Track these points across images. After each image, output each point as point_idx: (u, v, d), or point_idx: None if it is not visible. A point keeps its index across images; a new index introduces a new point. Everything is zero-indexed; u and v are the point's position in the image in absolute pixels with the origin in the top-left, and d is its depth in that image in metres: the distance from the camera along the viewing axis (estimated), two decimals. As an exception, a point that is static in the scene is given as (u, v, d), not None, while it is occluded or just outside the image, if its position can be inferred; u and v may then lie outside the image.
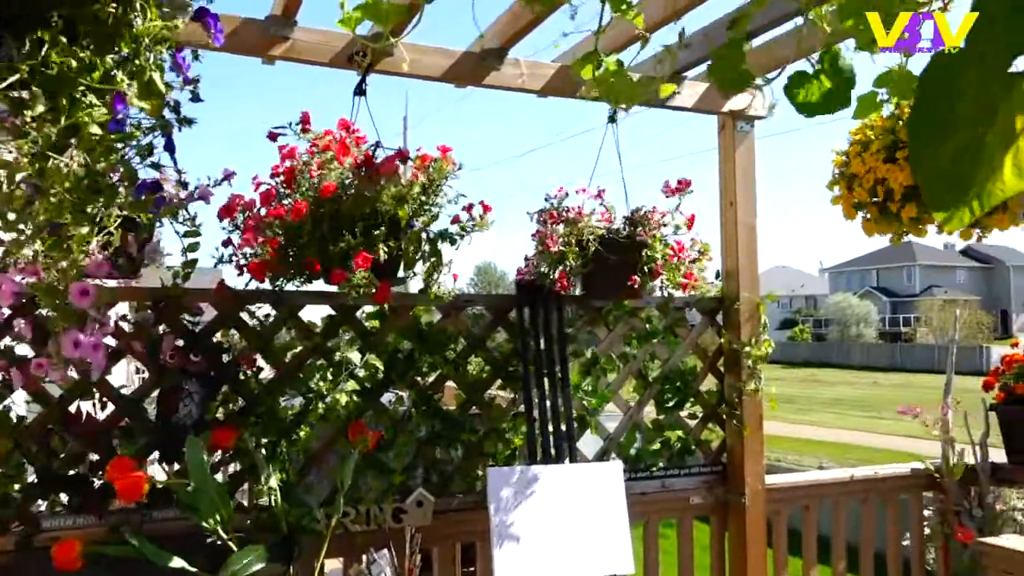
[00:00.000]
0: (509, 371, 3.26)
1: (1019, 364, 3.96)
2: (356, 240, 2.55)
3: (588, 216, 3.13)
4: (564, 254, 3.05)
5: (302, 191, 2.62)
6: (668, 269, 3.13)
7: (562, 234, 3.04)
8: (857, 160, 2.76)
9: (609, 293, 3.31)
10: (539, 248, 3.14)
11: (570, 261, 3.04)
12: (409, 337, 3.10)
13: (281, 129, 2.76)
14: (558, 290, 3.20)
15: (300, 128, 2.75)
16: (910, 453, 18.49)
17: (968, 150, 0.96)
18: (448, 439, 3.11)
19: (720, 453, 3.63)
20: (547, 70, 3.18)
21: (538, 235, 3.15)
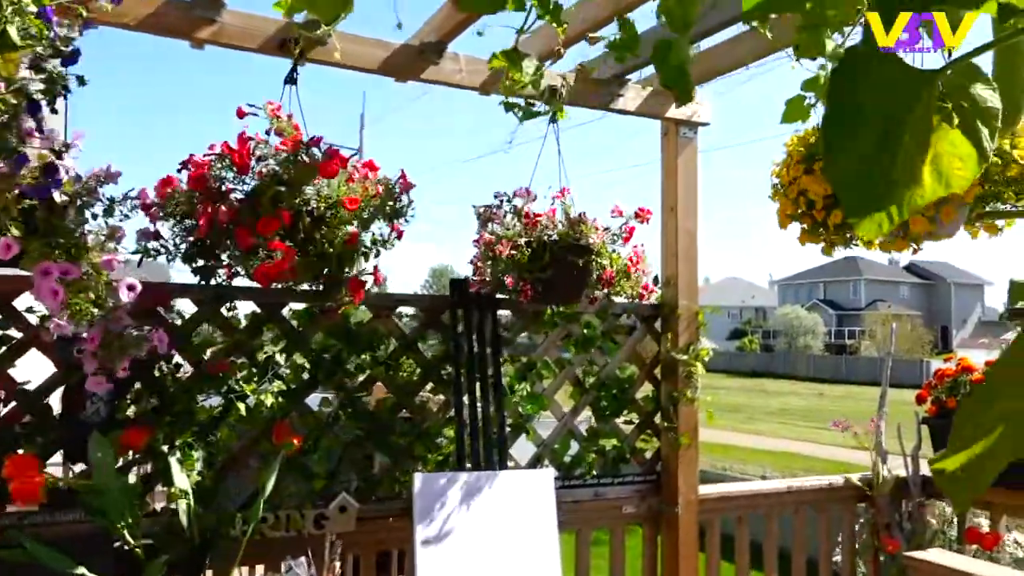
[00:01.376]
0: (441, 374, 3.18)
1: (951, 378, 4.00)
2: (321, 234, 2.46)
3: (539, 220, 3.05)
4: (516, 259, 2.95)
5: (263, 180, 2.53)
6: (621, 277, 3.07)
7: (513, 235, 2.94)
8: (784, 171, 2.75)
9: (568, 299, 3.23)
10: (488, 253, 3.01)
11: (524, 263, 2.94)
12: (337, 336, 3.00)
13: (254, 109, 2.65)
14: (490, 293, 3.12)
15: (270, 112, 2.64)
16: (852, 464, 18.84)
17: (881, 151, 0.91)
18: (376, 442, 3.01)
19: (655, 462, 3.59)
20: (486, 66, 3.10)
21: (482, 240, 3.04)
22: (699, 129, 3.58)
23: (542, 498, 2.97)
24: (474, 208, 3.12)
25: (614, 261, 3.18)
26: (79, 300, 1.98)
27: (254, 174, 2.59)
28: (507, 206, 3.09)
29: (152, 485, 2.72)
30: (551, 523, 2.94)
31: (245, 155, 2.60)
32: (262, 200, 2.55)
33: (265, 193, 2.55)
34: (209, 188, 2.57)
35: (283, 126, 2.63)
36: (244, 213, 2.55)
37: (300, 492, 2.84)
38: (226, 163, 2.61)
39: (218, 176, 2.59)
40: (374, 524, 2.96)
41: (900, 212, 0.93)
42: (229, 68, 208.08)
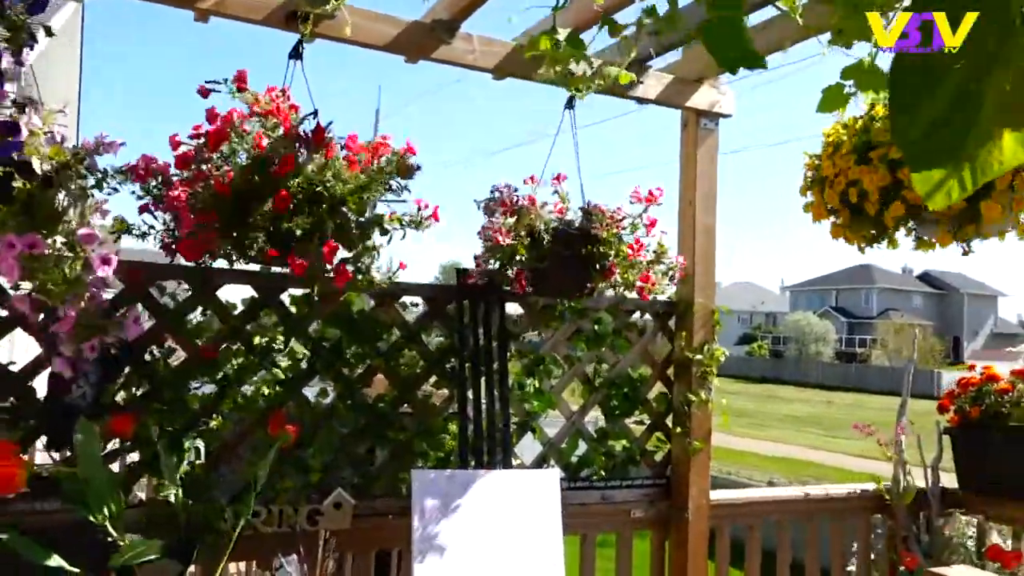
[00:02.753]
0: (445, 367, 3.05)
1: (975, 387, 3.85)
2: (303, 220, 2.31)
3: (541, 207, 2.91)
4: (514, 248, 2.82)
5: (235, 160, 2.38)
6: (622, 267, 2.91)
7: (512, 226, 2.81)
8: (828, 162, 2.59)
9: (562, 290, 3.08)
10: (487, 243, 2.89)
11: (521, 255, 2.80)
12: (338, 325, 2.88)
13: (214, 85, 2.51)
14: (487, 283, 2.98)
15: (235, 86, 2.50)
16: (861, 472, 18.63)
17: (958, 106, 0.77)
18: (375, 437, 2.89)
19: (665, 465, 3.45)
20: (502, 48, 2.98)
21: (484, 230, 2.91)
22: (720, 121, 3.44)
23: (547, 499, 2.84)
24: (476, 201, 3.00)
25: (621, 252, 3.00)
26: (50, 275, 1.85)
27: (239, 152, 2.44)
28: (507, 195, 2.96)
29: (139, 475, 2.60)
30: (556, 525, 2.81)
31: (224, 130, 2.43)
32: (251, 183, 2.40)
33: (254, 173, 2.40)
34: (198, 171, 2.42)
35: (248, 98, 2.46)
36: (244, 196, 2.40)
37: (294, 486, 2.72)
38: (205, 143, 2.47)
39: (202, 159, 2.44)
40: (371, 522, 2.83)
41: (974, 177, 0.79)
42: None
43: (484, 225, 2.87)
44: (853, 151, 2.54)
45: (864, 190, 2.47)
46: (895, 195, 2.42)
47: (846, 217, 2.58)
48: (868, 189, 2.46)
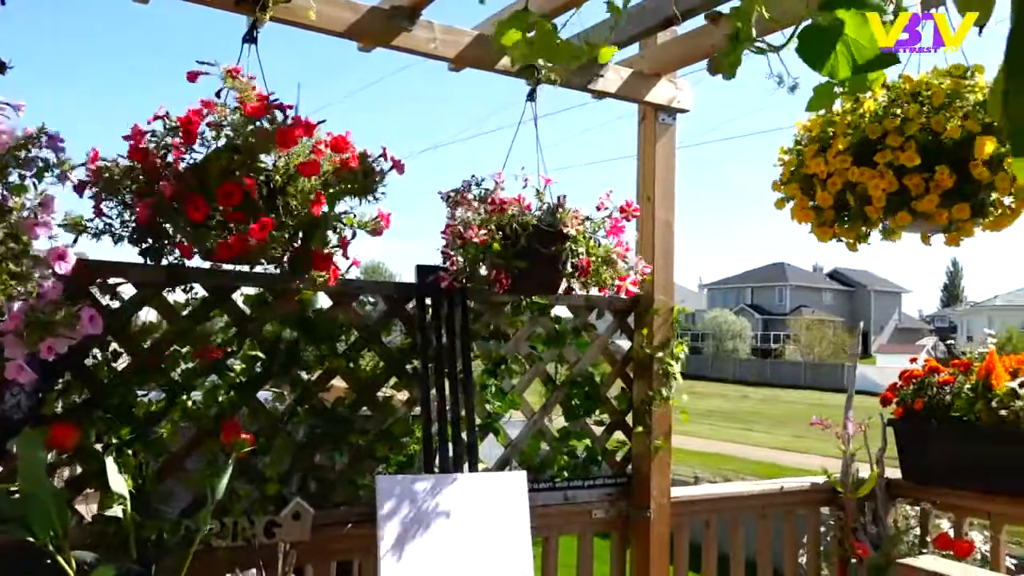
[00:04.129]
0: (406, 368, 2.93)
1: (918, 380, 3.94)
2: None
3: (511, 204, 2.81)
4: (488, 246, 2.70)
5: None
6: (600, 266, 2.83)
7: (485, 221, 2.70)
8: (816, 160, 2.53)
9: (540, 289, 2.99)
10: (457, 241, 2.75)
11: (494, 251, 2.69)
12: (293, 325, 2.73)
13: (205, 67, 2.33)
14: (462, 283, 2.87)
15: (228, 73, 2.33)
16: (784, 466, 19.21)
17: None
18: (334, 442, 2.75)
19: (625, 464, 3.41)
20: (463, 37, 2.88)
21: (450, 228, 2.79)
22: (678, 116, 3.42)
23: (515, 502, 2.76)
24: (440, 193, 2.89)
25: (592, 250, 2.94)
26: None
27: (205, 143, 2.30)
28: (476, 190, 2.86)
29: (80, 490, 2.40)
30: (524, 529, 2.73)
31: (195, 121, 2.30)
32: (211, 170, 2.26)
33: (216, 162, 2.27)
34: (151, 161, 2.27)
35: (241, 86, 2.34)
36: (191, 185, 2.25)
37: (249, 497, 2.56)
38: (171, 130, 2.32)
39: (162, 145, 2.29)
40: (332, 531, 2.69)
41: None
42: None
43: (450, 221, 2.76)
44: (848, 151, 2.48)
45: (867, 195, 2.41)
46: (901, 203, 2.38)
47: (830, 217, 2.56)
48: (873, 195, 2.40)
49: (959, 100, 2.32)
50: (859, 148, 2.44)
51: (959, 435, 3.68)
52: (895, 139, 2.34)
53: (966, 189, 2.31)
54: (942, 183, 2.28)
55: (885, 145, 2.37)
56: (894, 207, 2.39)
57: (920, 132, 2.33)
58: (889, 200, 2.37)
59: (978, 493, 3.63)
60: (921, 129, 2.33)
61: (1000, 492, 3.54)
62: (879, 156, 2.37)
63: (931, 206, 2.31)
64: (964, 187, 2.30)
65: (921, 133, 2.33)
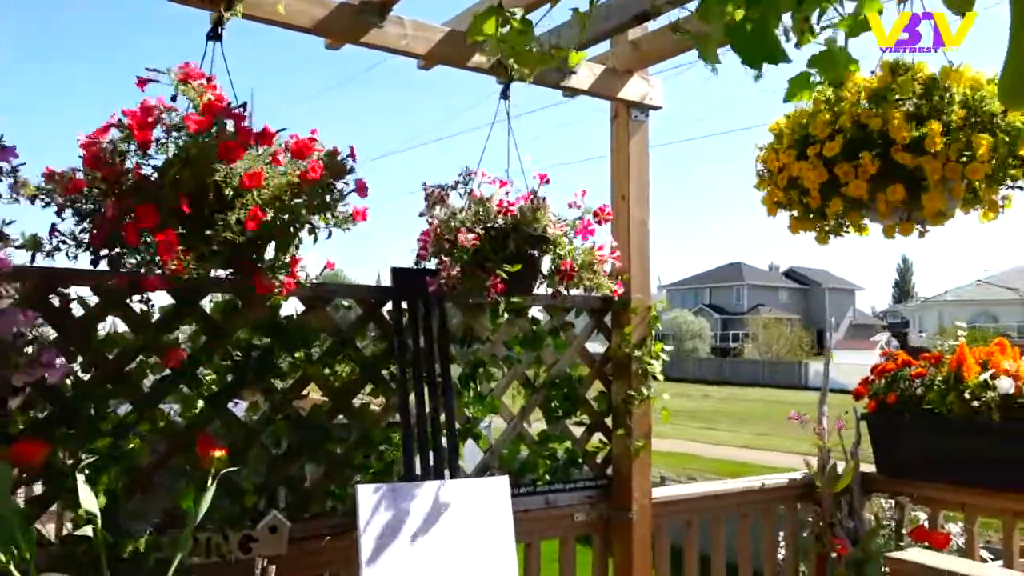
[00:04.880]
0: (382, 374, 2.85)
1: (891, 373, 3.96)
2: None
3: (497, 205, 2.74)
4: (479, 248, 2.62)
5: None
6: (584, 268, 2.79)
7: (474, 223, 2.62)
8: (772, 156, 2.59)
9: (527, 292, 2.91)
10: (441, 244, 2.67)
11: (487, 254, 2.61)
12: (265, 332, 2.63)
13: (155, 74, 2.23)
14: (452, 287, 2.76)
15: (179, 79, 2.22)
16: (748, 463, 19.38)
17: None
18: (310, 451, 2.66)
19: (606, 466, 3.37)
20: (435, 33, 2.81)
21: (434, 229, 2.70)
22: (650, 113, 3.40)
23: (498, 509, 2.69)
24: (424, 185, 2.80)
25: (570, 253, 2.89)
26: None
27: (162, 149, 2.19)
28: (461, 188, 2.78)
29: (46, 508, 2.28)
30: (508, 536, 2.66)
31: (146, 126, 2.18)
32: (165, 181, 2.16)
33: (167, 173, 2.16)
34: (109, 167, 2.15)
35: (191, 93, 2.22)
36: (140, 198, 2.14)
37: (223, 511, 2.46)
38: (125, 135, 2.20)
39: (117, 151, 2.17)
40: (310, 545, 2.60)
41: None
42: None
43: (431, 220, 2.69)
44: (793, 146, 2.55)
45: (804, 187, 2.49)
46: (834, 192, 2.46)
47: (800, 210, 2.58)
48: (808, 186, 2.48)
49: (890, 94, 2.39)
50: (802, 144, 2.51)
51: (932, 428, 3.71)
52: (823, 131, 2.42)
53: (893, 172, 2.39)
54: (867, 168, 2.36)
55: (815, 138, 2.44)
56: (827, 196, 2.45)
57: (850, 125, 2.41)
58: (822, 190, 2.44)
59: (952, 485, 3.66)
60: (852, 122, 2.41)
61: (974, 484, 3.57)
62: (810, 149, 2.45)
63: (860, 191, 2.39)
64: (891, 171, 2.38)
65: (851, 126, 2.41)
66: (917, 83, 2.39)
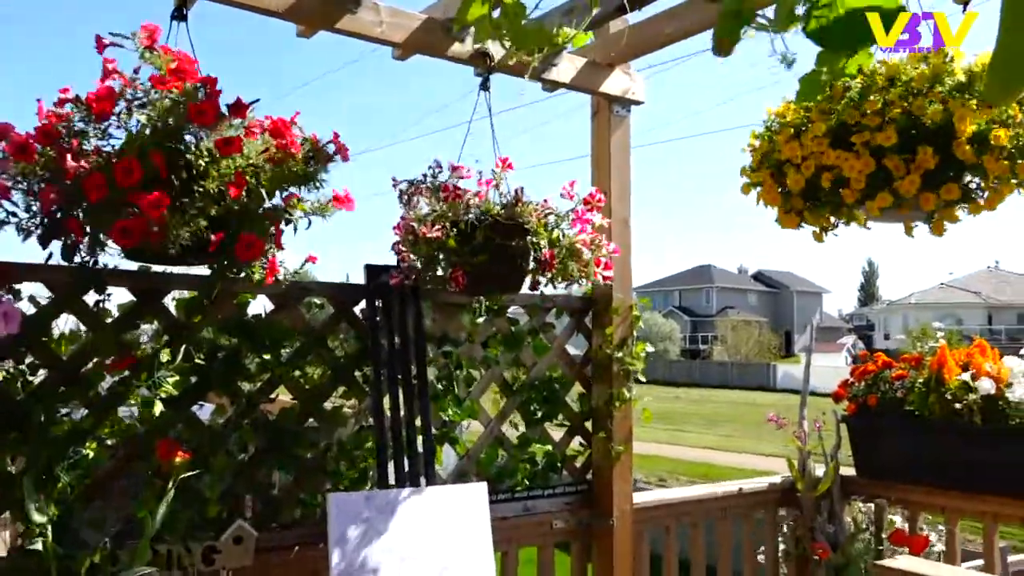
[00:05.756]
0: (355, 375, 2.73)
1: (872, 375, 3.92)
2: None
3: (467, 194, 2.62)
4: (442, 242, 2.50)
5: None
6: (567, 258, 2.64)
7: (440, 216, 2.50)
8: (792, 144, 2.45)
9: (501, 287, 2.79)
10: (409, 237, 2.55)
11: (450, 247, 2.49)
12: (233, 331, 2.50)
13: (117, 39, 2.09)
14: (414, 282, 2.66)
15: (144, 43, 2.08)
16: (719, 466, 19.45)
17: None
18: (279, 457, 2.53)
19: (586, 471, 3.27)
20: (412, 21, 2.70)
21: (403, 223, 2.59)
22: (632, 108, 3.31)
23: (475, 517, 2.58)
24: (394, 181, 2.68)
25: (555, 241, 2.77)
26: None
27: (122, 125, 2.05)
28: (431, 182, 2.67)
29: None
30: (486, 545, 2.55)
31: (105, 98, 2.04)
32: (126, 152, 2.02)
33: (133, 144, 2.03)
34: (60, 144, 2.02)
35: (157, 60, 2.09)
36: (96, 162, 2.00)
37: (185, 521, 2.32)
38: (83, 111, 2.07)
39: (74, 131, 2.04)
40: (278, 556, 2.47)
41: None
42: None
43: (404, 216, 2.57)
44: (827, 134, 2.40)
45: (843, 176, 2.34)
46: (881, 184, 2.31)
47: (799, 204, 2.48)
48: (851, 176, 2.33)
49: (939, 85, 2.27)
50: (837, 132, 2.37)
51: (913, 430, 3.67)
52: (873, 120, 2.28)
53: (950, 170, 2.26)
54: (924, 163, 2.22)
55: (863, 126, 2.30)
56: (874, 189, 2.32)
57: (900, 115, 2.27)
58: (868, 182, 2.31)
59: (933, 488, 3.62)
60: (902, 112, 2.27)
61: (955, 487, 3.54)
62: (856, 137, 2.31)
63: (912, 188, 2.25)
64: (948, 168, 2.25)
65: (901, 116, 2.27)
66: (961, 72, 2.27)
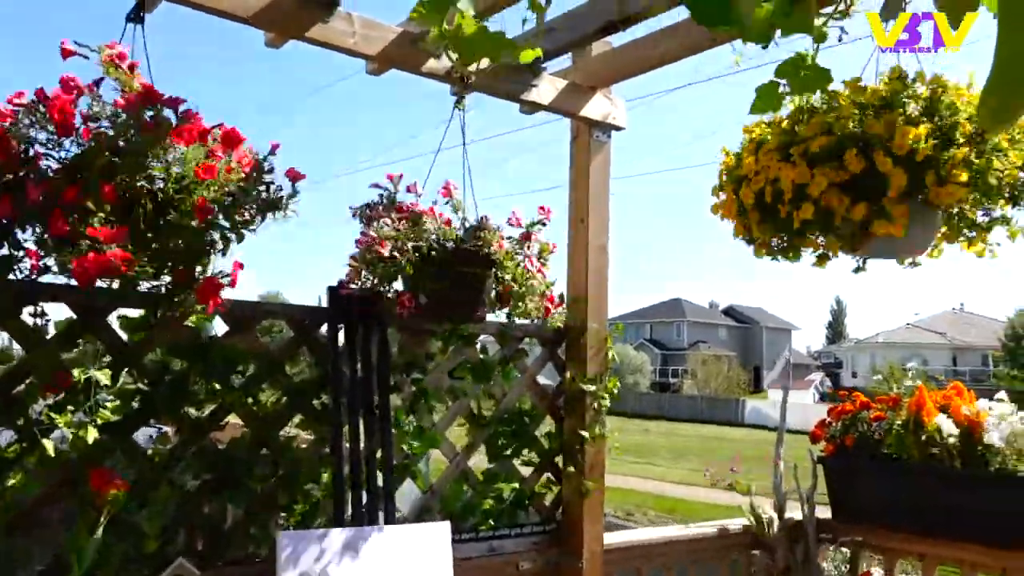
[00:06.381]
0: (313, 404, 2.57)
1: (849, 415, 3.83)
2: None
3: (427, 216, 2.52)
4: (399, 264, 2.39)
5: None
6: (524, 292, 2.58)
7: (400, 235, 2.39)
8: (751, 159, 2.40)
9: (454, 316, 2.69)
10: (367, 255, 2.44)
11: (408, 272, 2.38)
12: (182, 354, 2.34)
13: (83, 49, 1.98)
14: (363, 301, 2.53)
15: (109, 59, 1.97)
16: (685, 500, 19.31)
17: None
18: (227, 491, 2.36)
19: (555, 509, 3.12)
20: (387, 33, 2.58)
21: (365, 238, 2.48)
22: (613, 134, 3.22)
23: (437, 558, 2.42)
24: (351, 209, 2.57)
25: (518, 276, 2.68)
26: None
27: (79, 137, 1.94)
28: (386, 200, 2.56)
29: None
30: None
31: (68, 109, 1.93)
32: (89, 172, 1.91)
33: (94, 163, 1.91)
34: (11, 153, 1.90)
35: (123, 77, 1.99)
36: (61, 188, 1.90)
37: (122, 556, 2.14)
38: (40, 118, 1.94)
39: (25, 137, 1.91)
40: (222, 598, 2.30)
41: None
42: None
43: (363, 232, 2.44)
44: (778, 148, 2.35)
45: (780, 189, 2.29)
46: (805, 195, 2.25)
47: (756, 217, 2.41)
48: (783, 188, 2.28)
49: (898, 104, 2.22)
50: (786, 145, 2.32)
51: (891, 473, 3.57)
52: (813, 130, 2.24)
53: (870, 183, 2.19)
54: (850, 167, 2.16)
55: (804, 137, 2.26)
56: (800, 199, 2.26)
57: (856, 132, 2.22)
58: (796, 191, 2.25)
59: (909, 533, 3.52)
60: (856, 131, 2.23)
61: (933, 533, 3.44)
62: (794, 148, 2.26)
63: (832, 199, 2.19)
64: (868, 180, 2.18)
65: (857, 133, 2.22)
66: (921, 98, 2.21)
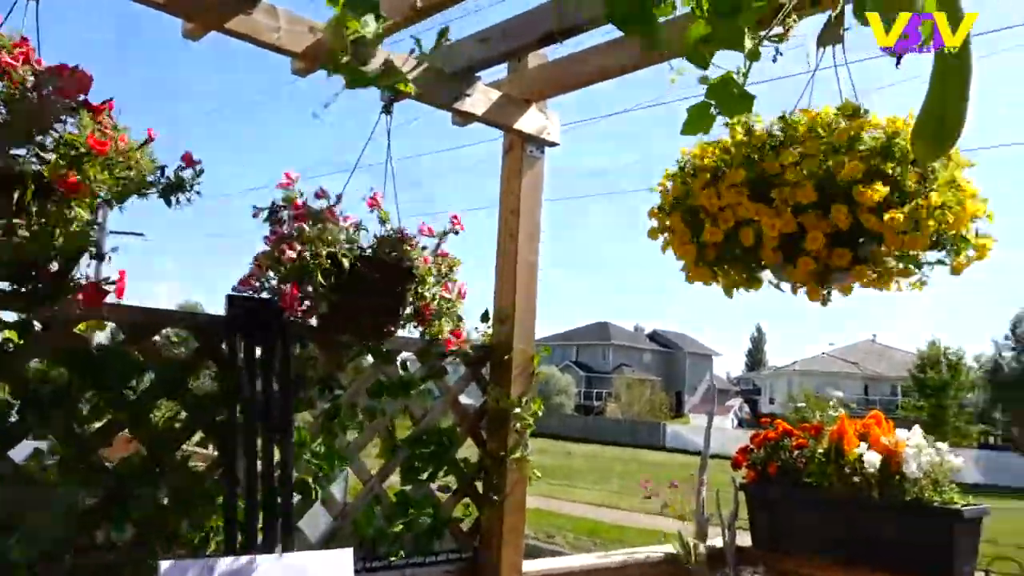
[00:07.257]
0: (216, 420, 2.38)
1: (772, 441, 3.80)
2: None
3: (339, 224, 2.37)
4: (307, 267, 2.23)
5: None
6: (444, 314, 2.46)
7: (308, 237, 2.23)
8: (708, 192, 2.25)
9: (361, 329, 2.54)
10: (274, 254, 2.28)
11: (317, 279, 2.23)
12: (68, 364, 2.12)
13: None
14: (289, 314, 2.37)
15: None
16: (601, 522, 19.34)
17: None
18: (113, 514, 2.14)
19: (472, 536, 2.98)
20: (315, 29, 2.44)
21: (275, 236, 2.31)
22: (546, 150, 3.13)
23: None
24: (254, 208, 2.40)
25: (435, 297, 2.54)
26: None
27: None
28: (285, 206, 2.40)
29: None
30: (353, 623, 2.23)
31: None
32: None
33: None
34: None
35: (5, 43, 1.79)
36: None
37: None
38: None
39: None
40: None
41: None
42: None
43: (273, 230, 2.29)
44: (745, 184, 2.23)
45: (760, 232, 2.16)
46: (800, 248, 2.12)
47: (713, 255, 2.30)
48: (768, 235, 2.16)
49: (859, 143, 2.15)
50: (758, 184, 2.20)
51: (812, 501, 3.56)
52: (792, 173, 2.13)
53: (855, 234, 2.13)
54: (837, 221, 2.07)
55: (784, 181, 2.15)
56: (795, 252, 2.15)
57: (819, 170, 2.14)
58: (784, 240, 2.15)
59: (831, 563, 3.50)
60: (820, 167, 2.14)
61: (852, 561, 3.42)
62: (775, 192, 2.14)
63: (817, 245, 2.10)
64: (854, 232, 2.11)
65: (821, 171, 2.14)
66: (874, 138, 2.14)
